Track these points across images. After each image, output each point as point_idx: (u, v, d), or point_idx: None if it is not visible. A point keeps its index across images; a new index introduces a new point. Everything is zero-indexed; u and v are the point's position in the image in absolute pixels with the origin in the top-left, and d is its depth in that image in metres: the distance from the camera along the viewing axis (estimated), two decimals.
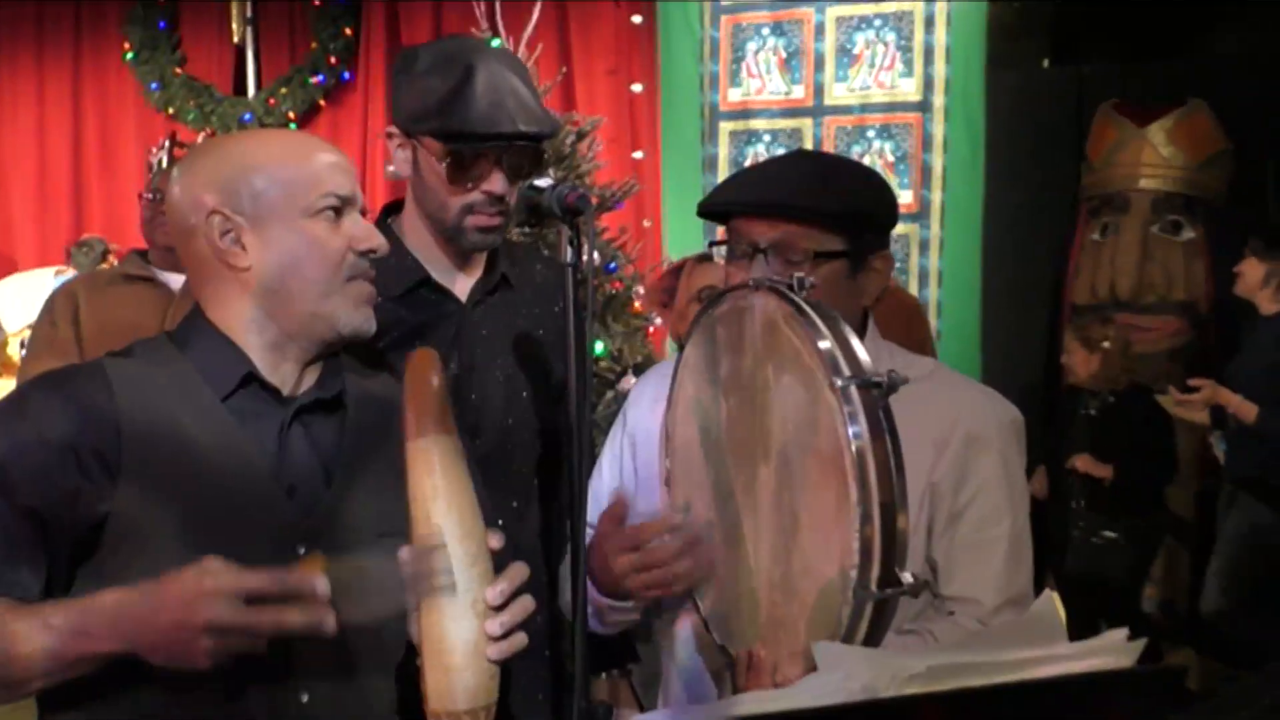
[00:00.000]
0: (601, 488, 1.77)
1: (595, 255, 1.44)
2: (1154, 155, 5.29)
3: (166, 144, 3.75)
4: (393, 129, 1.83)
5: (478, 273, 1.88)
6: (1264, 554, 4.19)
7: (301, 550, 1.37)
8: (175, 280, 3.34)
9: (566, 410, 1.42)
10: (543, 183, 1.49)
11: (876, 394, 1.27)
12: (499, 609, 1.29)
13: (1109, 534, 4.41)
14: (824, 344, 1.29)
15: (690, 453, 1.56)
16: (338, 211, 1.40)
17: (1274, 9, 5.48)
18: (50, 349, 3.24)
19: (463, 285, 1.87)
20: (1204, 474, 4.79)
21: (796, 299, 1.36)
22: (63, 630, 1.24)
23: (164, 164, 3.67)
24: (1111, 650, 1.16)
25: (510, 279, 1.90)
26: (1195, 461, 4.78)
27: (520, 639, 1.29)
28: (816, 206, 1.55)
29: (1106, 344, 4.48)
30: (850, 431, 1.24)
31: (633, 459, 1.77)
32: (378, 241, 1.42)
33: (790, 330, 1.36)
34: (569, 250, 1.39)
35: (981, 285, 4.93)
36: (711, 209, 1.66)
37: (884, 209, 1.65)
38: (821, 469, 1.30)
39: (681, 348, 1.59)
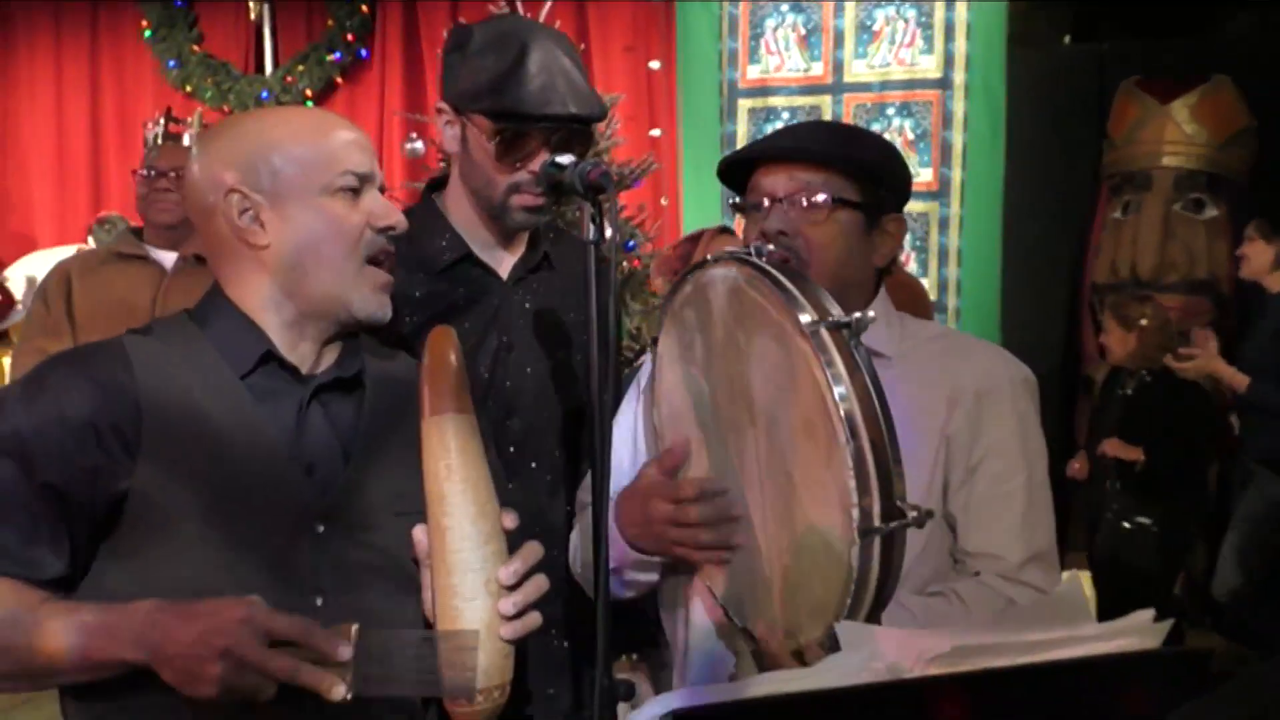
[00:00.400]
0: (614, 455, 1.76)
1: (598, 233, 1.43)
2: (1177, 132, 5.24)
3: (161, 119, 3.70)
4: (443, 105, 1.83)
5: (520, 251, 1.89)
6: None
7: (320, 528, 1.37)
8: (168, 258, 3.34)
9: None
10: (565, 159, 1.49)
11: (847, 334, 1.28)
12: (512, 588, 1.29)
13: (1142, 519, 4.30)
14: (790, 298, 1.30)
15: (684, 444, 1.55)
16: (356, 190, 1.40)
17: None
18: (43, 330, 3.25)
19: (505, 263, 1.87)
20: (1222, 453, 4.76)
21: (756, 261, 1.37)
22: (94, 631, 1.24)
23: (159, 139, 3.61)
24: (1137, 631, 1.15)
25: (552, 258, 1.91)
26: (1216, 440, 4.75)
27: (534, 618, 1.30)
28: (837, 153, 1.59)
29: (1144, 321, 4.40)
30: (828, 373, 1.25)
31: (646, 435, 1.77)
32: (396, 219, 1.42)
33: (755, 291, 1.37)
34: (591, 228, 1.39)
35: (1001, 263, 4.89)
36: (734, 159, 1.69)
37: (901, 173, 1.68)
38: (806, 419, 1.30)
39: (654, 341, 1.60)
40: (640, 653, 2.58)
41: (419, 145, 4.18)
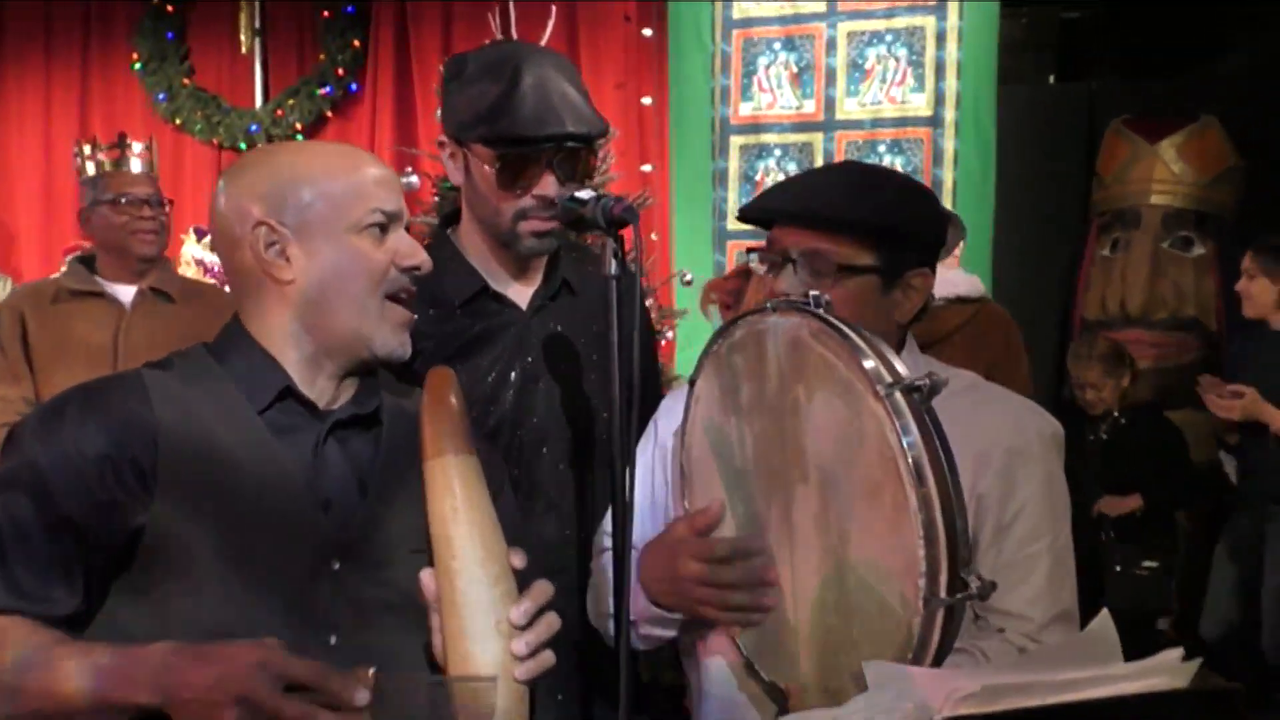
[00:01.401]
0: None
1: (620, 267, 1.43)
2: (1165, 171, 5.29)
3: (87, 148, 3.46)
4: (443, 138, 1.82)
5: (537, 279, 1.88)
6: None
7: (336, 565, 1.35)
8: (125, 293, 3.23)
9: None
10: (585, 194, 1.48)
11: (918, 398, 1.26)
12: (524, 628, 1.27)
13: (1150, 564, 4.23)
14: (863, 355, 1.28)
15: (712, 491, 1.53)
16: (384, 227, 1.40)
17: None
18: (2, 377, 3.09)
19: (523, 293, 1.86)
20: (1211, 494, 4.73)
21: (822, 314, 1.35)
22: (108, 674, 1.22)
23: (89, 170, 3.40)
24: (1167, 670, 1.14)
25: (572, 284, 1.90)
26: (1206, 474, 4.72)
27: (547, 657, 1.28)
28: (846, 217, 1.53)
29: (1132, 365, 4.39)
30: (904, 440, 1.23)
31: (663, 471, 1.75)
32: (422, 258, 1.41)
33: (820, 345, 1.34)
34: (613, 262, 1.39)
35: (992, 299, 4.91)
36: (749, 215, 1.66)
37: (924, 227, 1.62)
38: (871, 481, 1.28)
39: (692, 383, 1.57)
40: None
41: (413, 179, 4.18)
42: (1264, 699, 3.97)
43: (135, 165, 3.41)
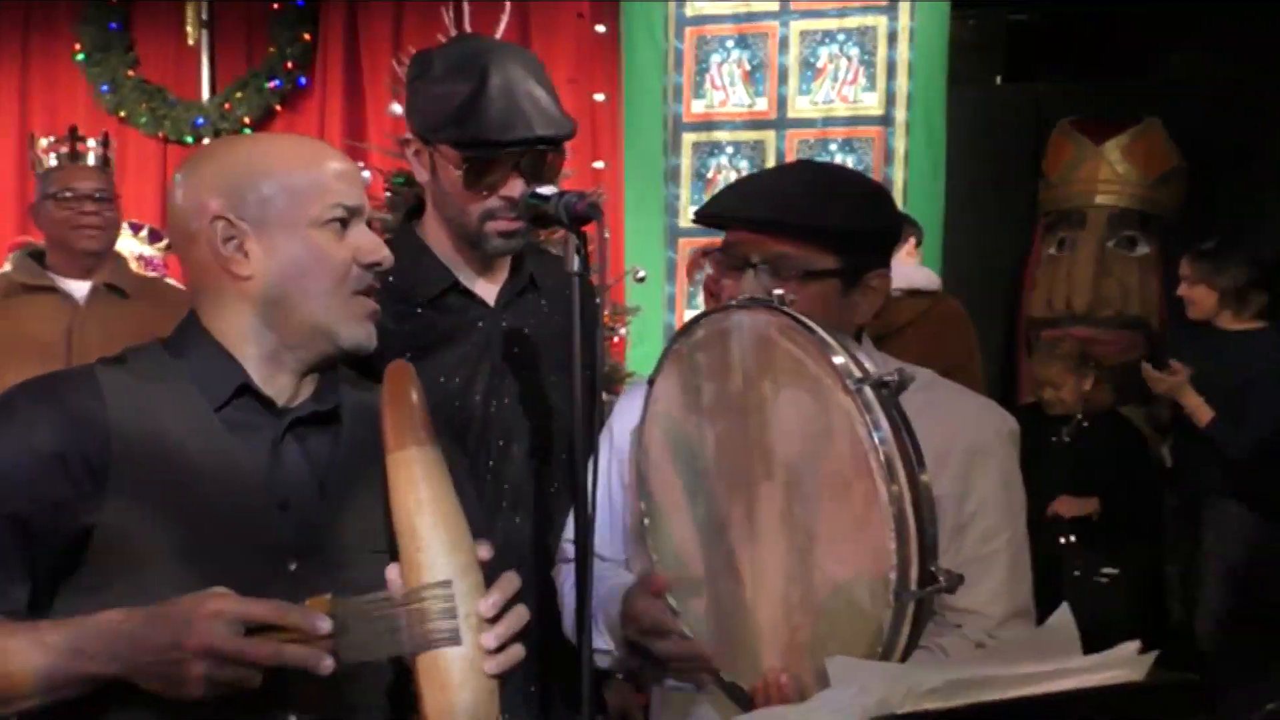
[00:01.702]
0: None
1: (584, 264, 1.42)
2: (1110, 172, 5.37)
3: (44, 141, 3.38)
4: (409, 136, 1.82)
5: (504, 275, 1.87)
6: (1259, 564, 4.15)
7: (293, 566, 1.33)
8: (79, 288, 3.18)
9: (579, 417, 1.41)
10: (547, 191, 1.48)
11: (887, 393, 1.27)
12: (493, 621, 1.26)
13: (1109, 570, 4.17)
14: (832, 352, 1.28)
15: (672, 492, 1.53)
16: (345, 222, 1.38)
17: (1223, 31, 5.60)
18: None
19: (490, 288, 1.86)
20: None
21: (789, 311, 1.35)
22: (59, 649, 1.20)
23: (50, 163, 3.34)
24: (1125, 663, 1.16)
25: (538, 279, 1.89)
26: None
27: (517, 651, 1.27)
28: (809, 224, 1.53)
29: (1095, 367, 4.39)
30: (875, 435, 1.23)
31: (619, 475, 1.75)
32: (384, 254, 1.40)
33: (788, 342, 1.34)
34: (576, 259, 1.38)
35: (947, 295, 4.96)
36: (705, 219, 1.64)
37: (884, 228, 1.63)
38: (840, 476, 1.28)
39: (651, 383, 1.56)
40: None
41: (364, 174, 4.12)
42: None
43: (89, 159, 3.34)
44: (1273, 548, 4.14)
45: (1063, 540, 4.26)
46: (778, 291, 1.37)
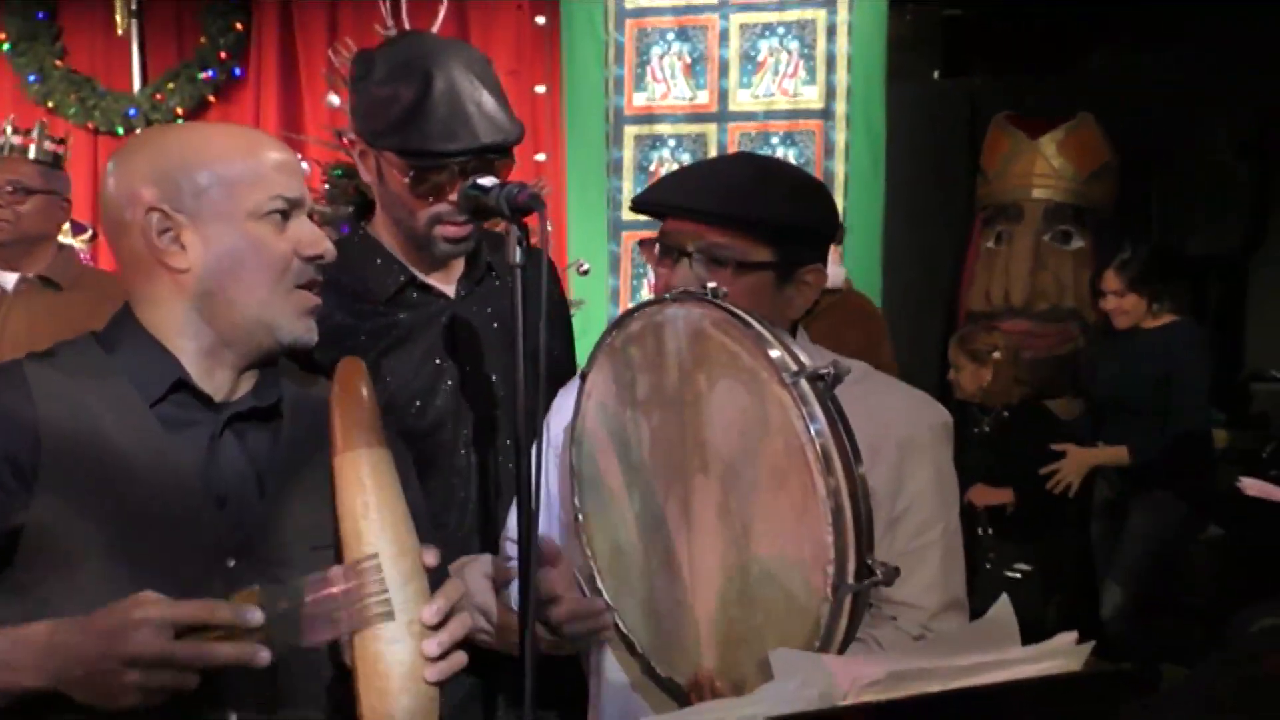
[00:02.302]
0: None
1: (525, 256, 1.40)
2: (1045, 166, 5.44)
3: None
4: (354, 137, 1.83)
5: (460, 265, 1.85)
6: (1167, 555, 4.24)
7: (231, 563, 1.31)
8: (6, 279, 3.15)
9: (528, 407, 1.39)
10: (487, 182, 1.46)
11: (823, 386, 1.26)
12: (436, 628, 1.24)
13: (1023, 566, 4.13)
14: (766, 344, 1.28)
15: (606, 487, 1.51)
16: (285, 214, 1.35)
17: (1156, 26, 5.70)
18: None
19: (448, 280, 1.83)
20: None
21: (724, 304, 1.34)
22: None
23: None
24: (1063, 653, 1.17)
25: (495, 267, 1.87)
26: None
27: (459, 658, 1.25)
28: (745, 215, 1.52)
29: (997, 354, 4.33)
30: (811, 427, 1.23)
31: (557, 470, 1.72)
32: (325, 247, 1.37)
33: (723, 335, 1.33)
34: (517, 250, 1.36)
35: (883, 292, 5.00)
36: (642, 207, 1.63)
37: (820, 223, 1.62)
38: (777, 469, 1.28)
39: (583, 377, 1.55)
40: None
41: (302, 166, 4.06)
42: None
43: (30, 152, 3.31)
44: (1196, 536, 4.22)
45: (980, 531, 4.24)
46: (711, 284, 1.36)
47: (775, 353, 1.27)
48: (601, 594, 1.52)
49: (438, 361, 1.76)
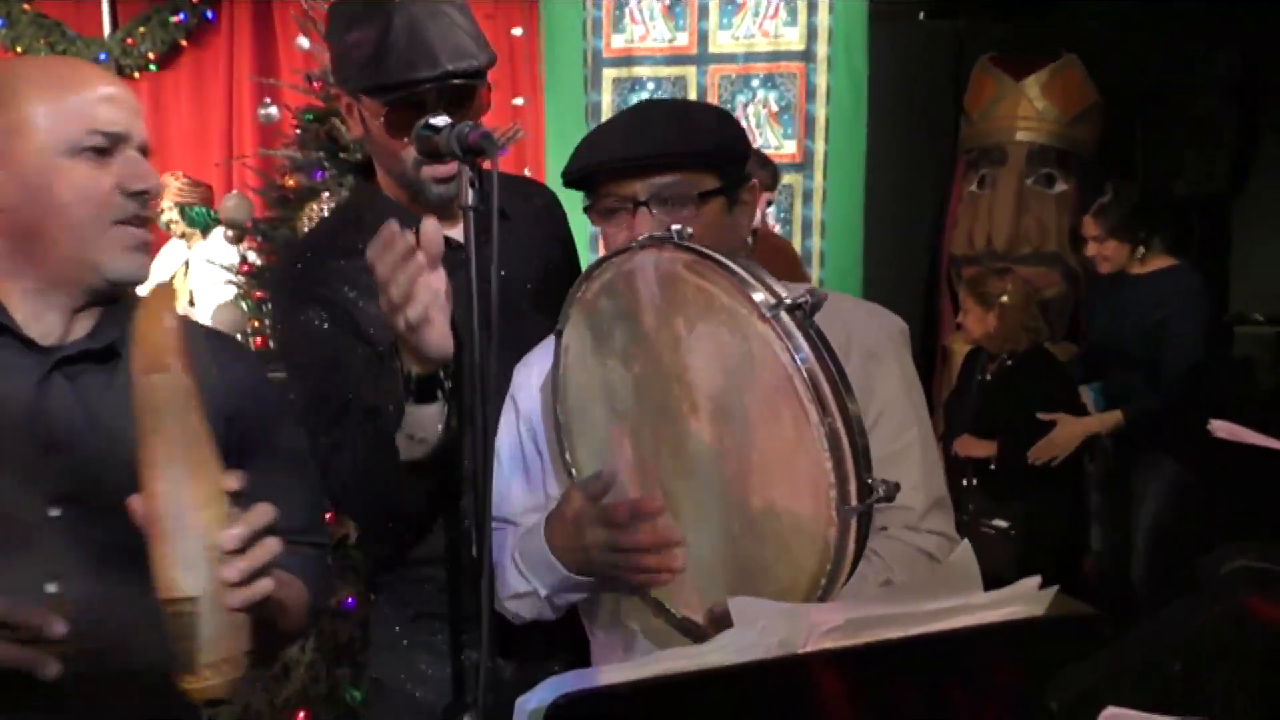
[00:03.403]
0: (503, 479, 1.70)
1: (478, 198, 1.37)
2: (1029, 109, 5.39)
3: None
4: (339, 92, 1.79)
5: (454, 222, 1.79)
6: (1187, 508, 4.09)
7: (55, 512, 1.27)
8: None
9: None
10: (439, 121, 1.42)
11: (802, 315, 1.26)
12: (238, 553, 1.20)
13: (999, 523, 3.94)
14: (741, 280, 1.27)
15: (597, 439, 1.51)
16: (105, 150, 1.29)
17: None
18: None
19: (457, 230, 1.74)
20: None
21: (692, 245, 1.33)
22: None
23: None
24: (1025, 599, 1.16)
25: (505, 210, 1.76)
26: None
27: (264, 585, 1.21)
28: (691, 149, 1.56)
29: (1005, 299, 4.21)
30: (796, 357, 1.23)
31: (534, 444, 1.71)
32: (151, 182, 1.32)
33: (697, 277, 1.32)
34: (469, 192, 1.32)
35: (864, 236, 4.96)
36: (580, 174, 1.61)
37: (742, 142, 1.66)
38: (769, 403, 1.27)
39: (559, 334, 1.54)
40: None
41: (273, 111, 4.00)
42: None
43: None
44: (1201, 501, 4.10)
45: (964, 483, 4.13)
46: (675, 227, 1.34)
47: (753, 290, 1.27)
48: None
49: (465, 313, 1.68)
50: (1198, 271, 4.26)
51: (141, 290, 1.35)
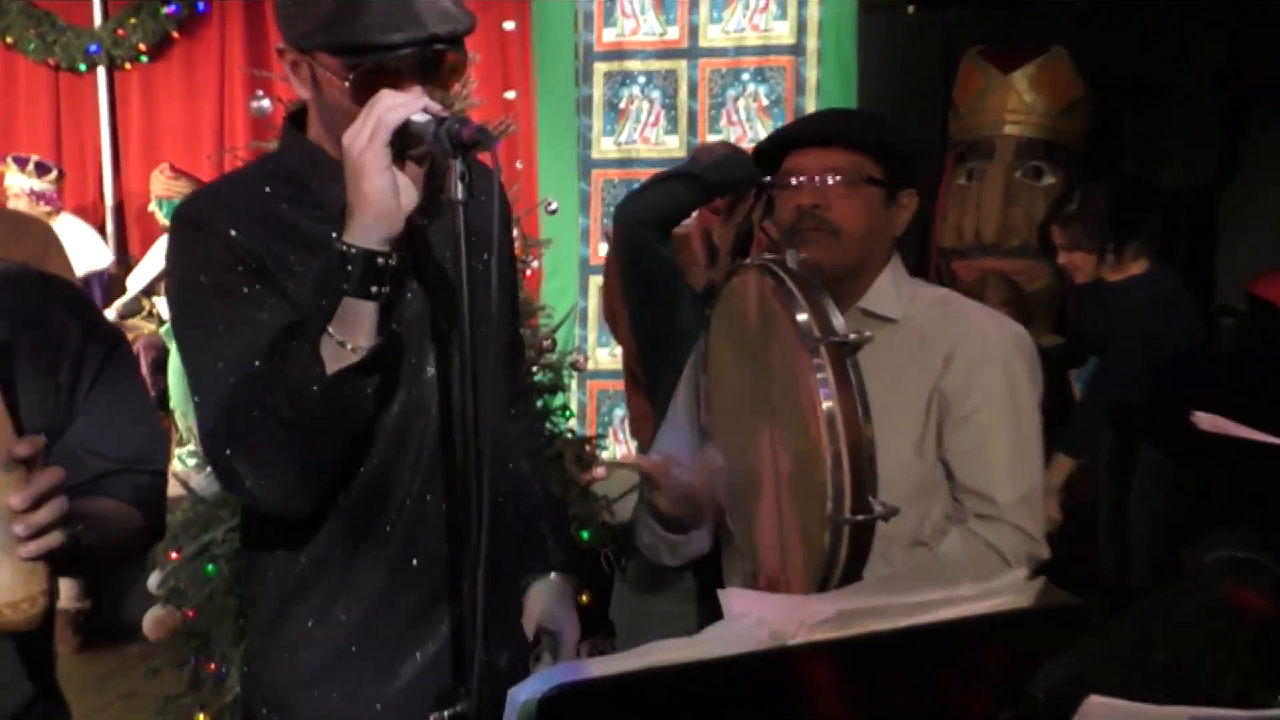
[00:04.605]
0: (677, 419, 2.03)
1: (467, 192, 1.34)
2: (1018, 101, 5.39)
3: None
4: (283, 45, 1.53)
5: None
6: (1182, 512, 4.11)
7: None
8: None
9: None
10: (420, 119, 1.37)
11: (843, 350, 1.44)
12: (28, 511, 1.26)
13: None
14: (799, 312, 1.49)
15: (724, 408, 1.77)
16: None
17: None
18: None
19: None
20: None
21: (780, 273, 1.54)
22: None
23: None
24: (1011, 590, 1.18)
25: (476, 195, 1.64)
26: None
27: (54, 537, 1.28)
28: (866, 136, 1.83)
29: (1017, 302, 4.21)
30: (819, 387, 1.43)
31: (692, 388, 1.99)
32: None
33: (776, 301, 1.55)
34: (459, 186, 1.31)
35: None
36: (774, 143, 1.89)
37: (914, 153, 1.90)
38: (803, 421, 1.48)
39: (707, 317, 1.79)
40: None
41: (265, 104, 3.99)
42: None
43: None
44: (1189, 493, 4.10)
45: None
46: (791, 251, 1.59)
47: (807, 323, 1.47)
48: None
49: (401, 287, 1.56)
50: (1172, 273, 4.27)
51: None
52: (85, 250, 6.07)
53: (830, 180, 1.77)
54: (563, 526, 1.88)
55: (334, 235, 1.41)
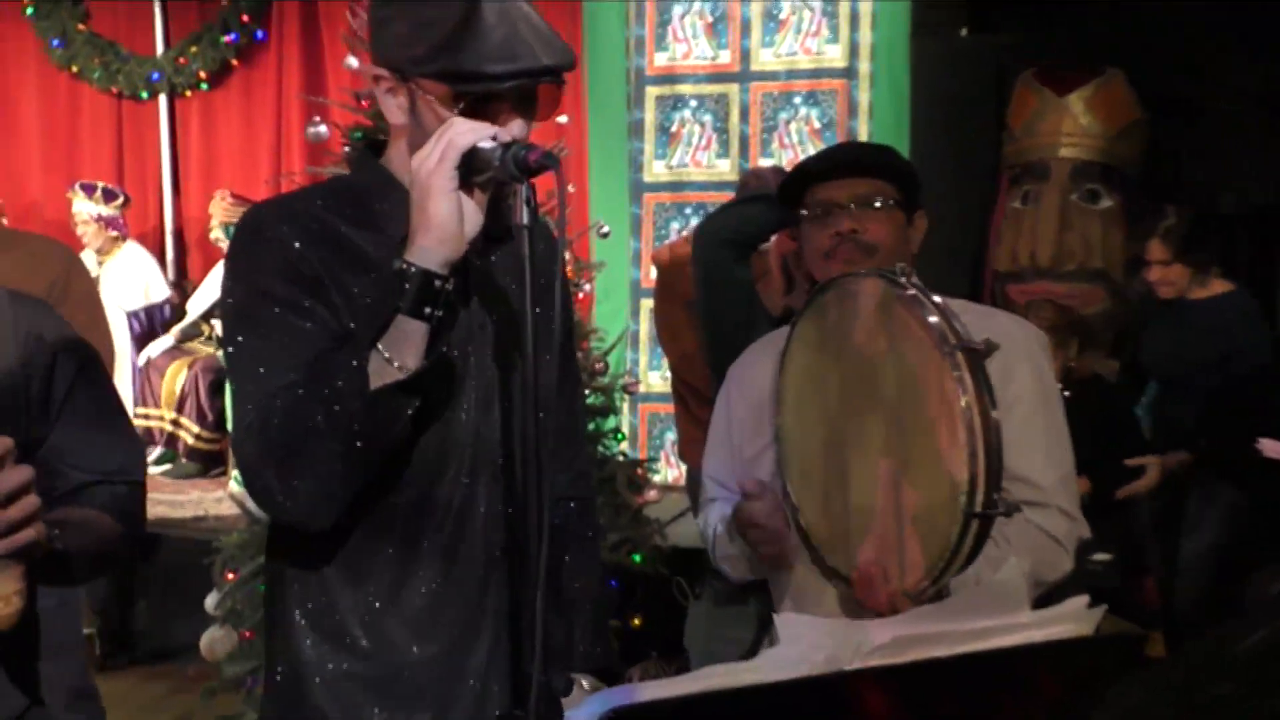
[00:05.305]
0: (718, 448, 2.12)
1: (533, 217, 1.35)
2: (1073, 124, 5.35)
3: None
4: (381, 71, 1.54)
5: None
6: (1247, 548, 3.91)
7: None
8: None
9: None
10: (487, 145, 1.38)
11: (973, 356, 1.53)
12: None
13: (1102, 557, 3.76)
14: (933, 319, 1.57)
15: (802, 409, 1.85)
16: None
17: None
18: None
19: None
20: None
21: (903, 282, 1.62)
22: None
23: None
24: (1073, 618, 1.17)
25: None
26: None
27: (25, 534, 1.29)
28: (888, 164, 1.99)
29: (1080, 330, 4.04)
30: (960, 389, 1.52)
31: (741, 413, 2.07)
32: None
33: (905, 309, 1.62)
34: (525, 210, 1.33)
35: None
36: (799, 176, 2.02)
37: (918, 177, 2.03)
38: (931, 419, 1.58)
39: (794, 324, 1.86)
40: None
41: (322, 129, 4.05)
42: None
43: None
44: (1261, 529, 3.97)
45: None
46: (900, 264, 1.65)
47: (942, 330, 1.56)
48: (790, 495, 1.85)
49: (454, 319, 1.56)
50: (1253, 296, 4.20)
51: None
52: (145, 283, 6.17)
53: (869, 206, 1.93)
54: (597, 626, 1.80)
55: (394, 255, 1.42)
